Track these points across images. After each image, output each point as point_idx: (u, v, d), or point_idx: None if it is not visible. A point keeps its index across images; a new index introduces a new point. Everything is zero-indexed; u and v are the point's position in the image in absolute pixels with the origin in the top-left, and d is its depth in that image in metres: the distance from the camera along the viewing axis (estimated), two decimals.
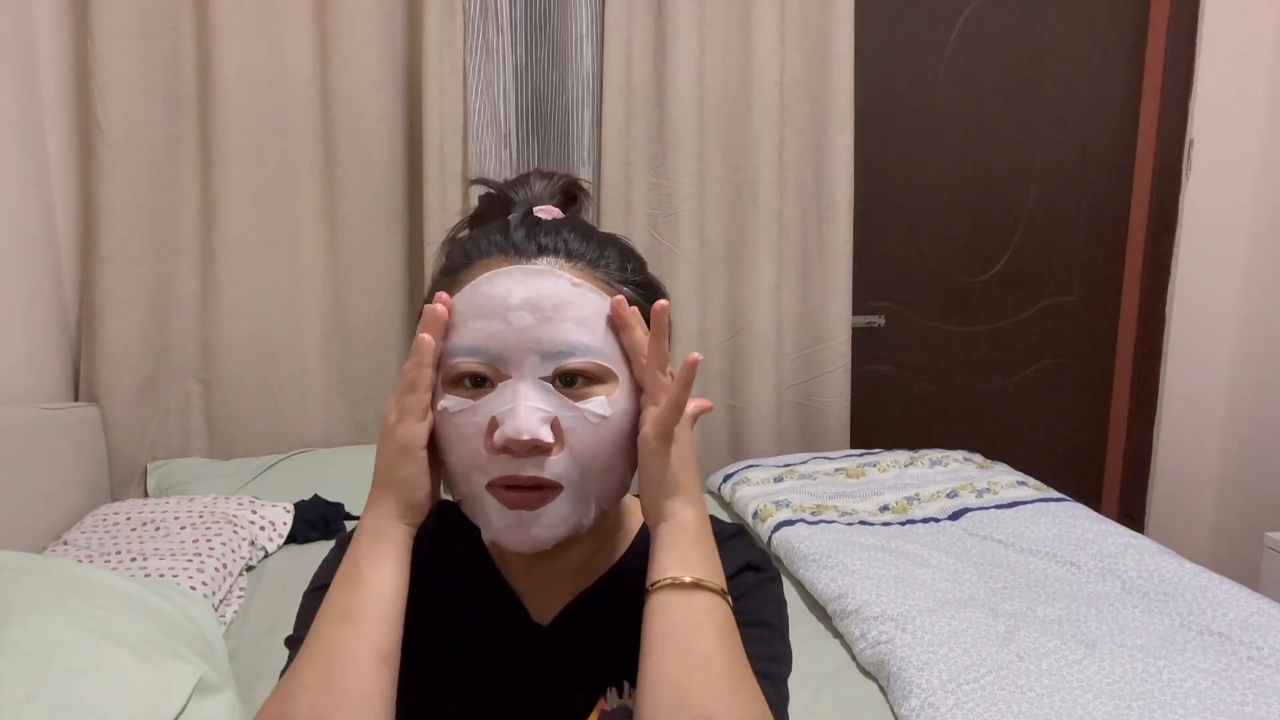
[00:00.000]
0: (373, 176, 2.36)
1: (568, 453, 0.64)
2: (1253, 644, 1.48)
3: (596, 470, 0.65)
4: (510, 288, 0.64)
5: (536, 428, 0.62)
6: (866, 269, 2.74)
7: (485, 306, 0.64)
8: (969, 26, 2.78)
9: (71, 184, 2.22)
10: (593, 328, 0.65)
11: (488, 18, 2.31)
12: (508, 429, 0.62)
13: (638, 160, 2.47)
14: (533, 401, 0.63)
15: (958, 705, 1.33)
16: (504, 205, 0.74)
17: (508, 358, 0.63)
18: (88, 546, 1.79)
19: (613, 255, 0.70)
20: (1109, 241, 2.99)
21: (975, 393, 2.98)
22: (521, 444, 0.62)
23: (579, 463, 0.64)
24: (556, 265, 0.66)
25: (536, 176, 0.75)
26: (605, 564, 0.77)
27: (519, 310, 0.63)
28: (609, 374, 0.65)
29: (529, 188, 0.74)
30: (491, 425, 0.63)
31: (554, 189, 0.75)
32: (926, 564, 1.81)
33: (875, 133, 2.72)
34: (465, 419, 0.64)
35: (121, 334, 2.21)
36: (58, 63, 2.18)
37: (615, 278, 0.69)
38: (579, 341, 0.64)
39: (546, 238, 0.67)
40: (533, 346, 0.63)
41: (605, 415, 0.64)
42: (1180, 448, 2.95)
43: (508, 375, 0.64)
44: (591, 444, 0.64)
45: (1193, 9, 2.76)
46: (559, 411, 0.63)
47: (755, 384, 2.60)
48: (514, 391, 0.63)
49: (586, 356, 0.64)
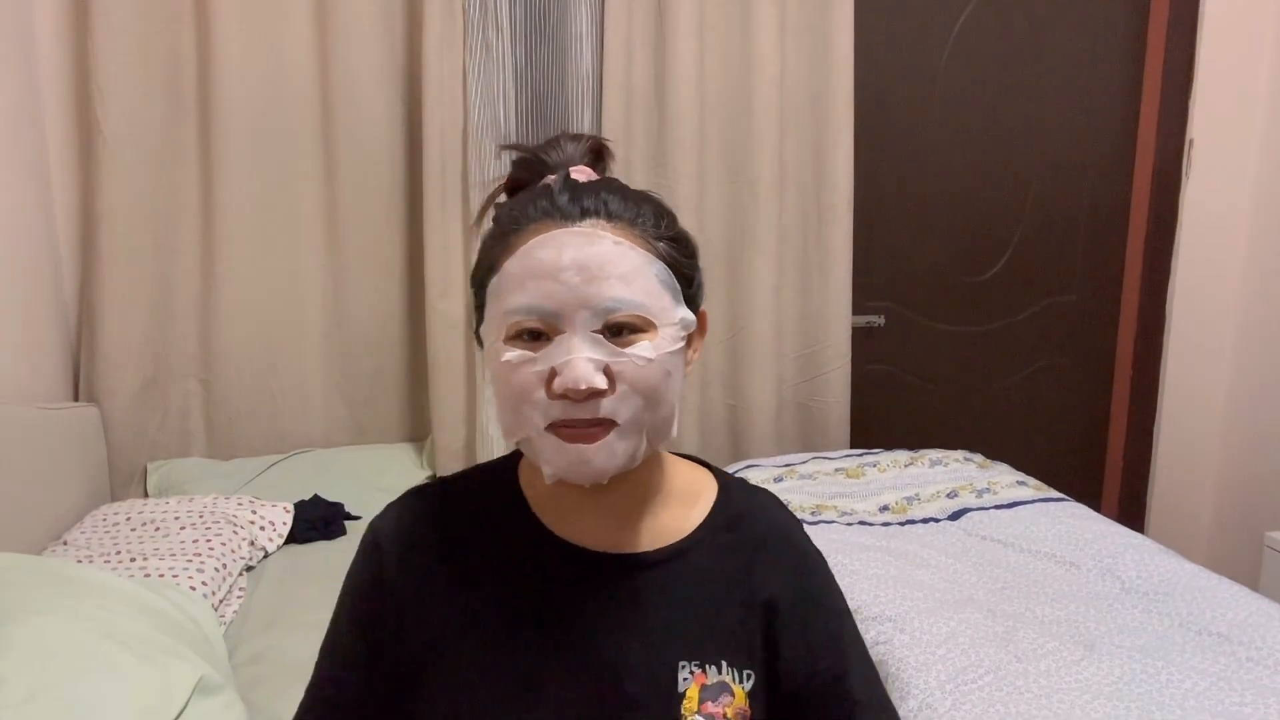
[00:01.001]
0: (373, 177, 2.37)
1: (620, 393, 0.71)
2: (1252, 644, 1.48)
3: (646, 406, 0.73)
4: (560, 250, 0.71)
5: (592, 376, 0.69)
6: (866, 269, 2.74)
7: (538, 268, 0.71)
8: (969, 26, 2.78)
9: (71, 184, 2.22)
10: (633, 282, 0.72)
11: (488, 18, 2.31)
12: (566, 379, 0.69)
13: (638, 160, 2.47)
14: (586, 353, 0.70)
15: (956, 706, 1.33)
16: (539, 169, 0.80)
17: (562, 314, 0.71)
18: (88, 546, 1.79)
19: (648, 213, 0.76)
20: (1109, 241, 2.98)
21: (975, 393, 2.98)
22: (579, 391, 0.69)
23: (630, 401, 0.72)
24: (599, 226, 0.73)
25: (566, 139, 0.82)
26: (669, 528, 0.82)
27: (568, 270, 0.70)
28: (650, 323, 0.73)
29: (560, 150, 0.81)
30: (550, 374, 0.70)
31: (583, 150, 0.81)
32: (926, 564, 1.81)
33: (875, 133, 2.72)
34: (527, 369, 0.71)
35: (121, 334, 2.21)
36: (58, 63, 2.18)
37: (652, 234, 0.75)
38: (622, 296, 0.71)
39: (588, 200, 0.74)
40: (582, 303, 0.70)
41: (650, 358, 0.72)
42: (1180, 448, 2.95)
43: (562, 330, 0.71)
44: (640, 383, 0.72)
45: (1193, 9, 2.75)
46: (609, 359, 0.71)
47: (755, 384, 2.60)
48: (569, 345, 0.70)
49: (630, 309, 0.71)
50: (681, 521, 0.82)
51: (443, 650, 0.77)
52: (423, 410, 2.50)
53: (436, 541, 0.80)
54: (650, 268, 0.73)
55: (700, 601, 0.80)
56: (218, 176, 2.24)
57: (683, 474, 0.86)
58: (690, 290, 0.78)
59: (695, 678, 0.77)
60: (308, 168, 2.32)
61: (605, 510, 0.80)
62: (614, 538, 0.80)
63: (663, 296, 0.74)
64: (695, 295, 0.79)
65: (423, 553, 0.80)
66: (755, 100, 2.49)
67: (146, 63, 2.17)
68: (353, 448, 2.43)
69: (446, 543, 0.80)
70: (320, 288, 2.37)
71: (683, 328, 0.76)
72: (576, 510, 0.80)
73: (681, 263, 0.77)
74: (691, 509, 0.83)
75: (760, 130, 2.50)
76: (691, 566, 0.80)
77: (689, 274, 0.78)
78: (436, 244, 2.34)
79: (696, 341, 0.81)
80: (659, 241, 0.75)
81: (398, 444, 2.50)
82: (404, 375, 2.51)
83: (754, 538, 0.84)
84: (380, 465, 2.39)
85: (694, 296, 0.79)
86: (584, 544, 0.80)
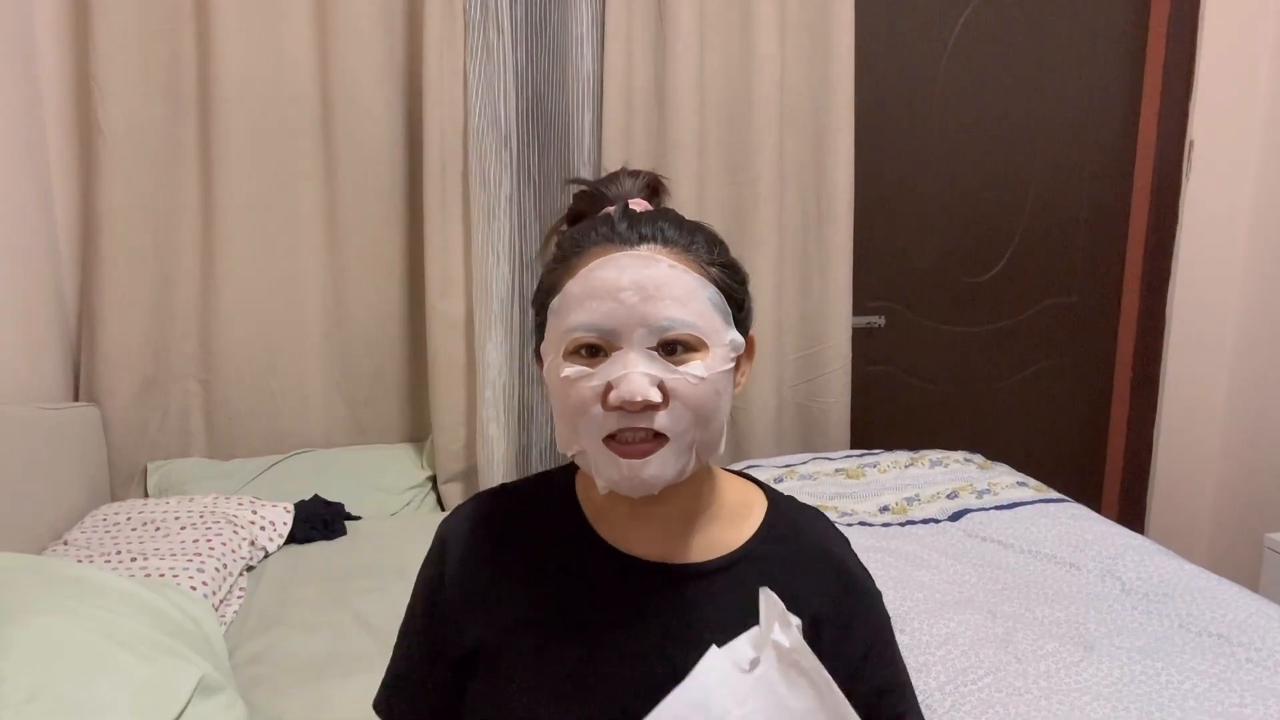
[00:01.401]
0: (373, 177, 2.36)
1: (673, 408, 0.74)
2: (1252, 645, 1.48)
3: (697, 423, 0.76)
4: (619, 272, 0.75)
5: (647, 390, 0.73)
6: (866, 269, 2.74)
7: (599, 288, 0.75)
8: (969, 27, 2.78)
9: (71, 184, 2.22)
10: (688, 303, 0.75)
11: (488, 18, 2.31)
12: (623, 391, 0.72)
13: (638, 161, 2.46)
14: (642, 368, 0.73)
15: (955, 706, 1.33)
16: (599, 201, 0.85)
17: (620, 331, 0.74)
18: (88, 546, 1.79)
19: (701, 241, 0.80)
20: (1109, 241, 2.98)
21: (975, 393, 2.98)
22: (635, 404, 0.73)
23: (682, 417, 0.75)
24: (656, 251, 0.77)
25: (625, 175, 0.86)
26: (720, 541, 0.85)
27: (627, 291, 0.74)
28: (702, 343, 0.76)
29: (619, 184, 0.86)
30: (607, 388, 0.74)
31: (641, 185, 0.86)
32: (926, 565, 1.81)
33: (875, 133, 2.71)
34: (585, 384, 0.75)
35: (121, 334, 2.21)
36: (58, 63, 2.18)
37: (705, 259, 0.79)
38: (677, 316, 0.74)
39: (646, 227, 0.78)
40: (640, 321, 0.74)
41: (703, 376, 0.75)
42: (1180, 448, 2.95)
43: (619, 346, 0.74)
44: (691, 400, 0.75)
45: (1193, 9, 2.75)
46: (664, 375, 0.74)
47: (755, 384, 2.60)
48: (626, 360, 0.74)
49: (684, 329, 0.75)
50: (732, 535, 0.85)
51: (496, 647, 0.80)
52: (423, 410, 2.50)
53: (497, 544, 0.84)
54: (703, 291, 0.77)
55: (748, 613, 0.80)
56: (218, 176, 2.23)
57: (734, 489, 0.89)
58: (740, 314, 0.81)
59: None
60: (308, 167, 2.32)
61: (658, 521, 0.83)
62: (666, 548, 0.83)
63: (715, 318, 0.77)
64: (745, 319, 0.82)
65: (483, 554, 0.84)
66: (755, 100, 2.49)
67: (146, 62, 2.17)
68: (353, 448, 2.43)
69: (506, 546, 0.84)
70: (320, 288, 2.37)
71: (733, 349, 0.79)
72: (630, 521, 0.83)
73: (733, 288, 0.80)
74: (743, 524, 0.86)
75: (760, 130, 2.50)
76: (740, 579, 0.82)
77: (739, 299, 0.81)
78: (436, 244, 2.34)
79: (745, 364, 0.84)
80: (711, 266, 0.79)
81: (398, 444, 2.50)
82: (404, 375, 2.51)
83: (802, 553, 0.86)
84: (380, 465, 2.39)
85: (744, 320, 0.82)
86: (636, 553, 0.83)
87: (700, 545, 0.83)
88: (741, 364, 0.83)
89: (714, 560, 0.83)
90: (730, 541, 0.84)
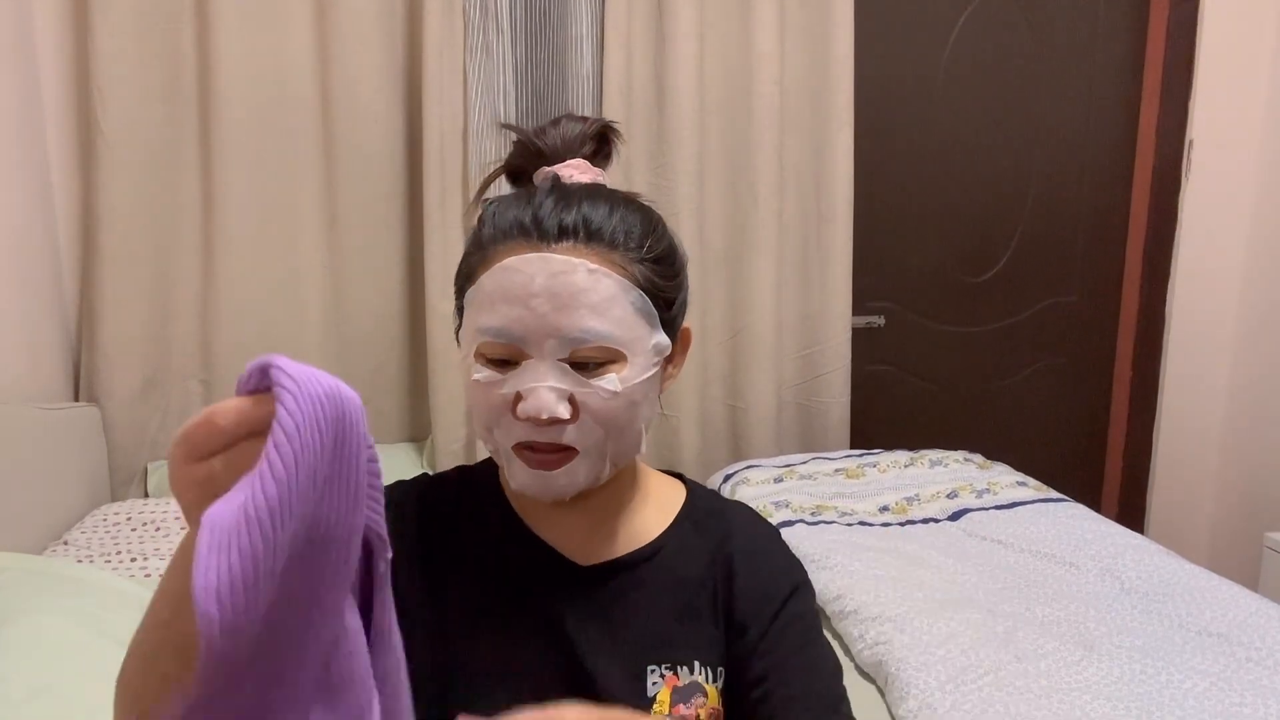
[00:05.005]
0: (373, 177, 2.36)
1: (583, 423, 0.72)
2: (1252, 645, 1.48)
3: (609, 436, 0.73)
4: (532, 275, 0.70)
5: (554, 406, 0.70)
6: (866, 269, 2.74)
7: (510, 292, 0.71)
8: (969, 27, 2.78)
9: (71, 184, 2.21)
10: (606, 312, 0.71)
11: (488, 18, 2.31)
12: (529, 406, 0.70)
13: (638, 160, 2.47)
14: (551, 381, 0.70)
15: (955, 706, 1.33)
16: (535, 155, 0.79)
17: (529, 340, 0.71)
18: (88, 546, 1.79)
19: (633, 232, 0.74)
20: (1109, 241, 2.98)
21: (975, 393, 2.98)
22: (541, 421, 0.70)
23: (592, 431, 0.72)
24: (575, 250, 0.71)
25: (568, 121, 0.79)
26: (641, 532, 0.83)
27: (539, 298, 0.70)
28: (619, 354, 0.72)
29: (560, 133, 0.79)
30: (516, 398, 0.71)
31: (584, 135, 0.79)
32: (925, 565, 1.81)
33: (875, 133, 2.71)
34: (494, 390, 0.72)
35: (121, 334, 2.21)
36: (58, 63, 2.17)
37: (633, 256, 0.73)
38: (592, 328, 0.70)
39: (569, 215, 0.72)
40: (550, 332, 0.70)
41: (616, 391, 0.72)
42: (1180, 448, 2.95)
43: (529, 355, 0.71)
44: (604, 415, 0.72)
45: (1193, 9, 2.75)
46: (574, 389, 0.71)
47: (755, 384, 2.60)
48: (536, 372, 0.70)
49: (599, 341, 0.71)
50: (652, 524, 0.84)
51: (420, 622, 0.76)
52: (423, 410, 2.50)
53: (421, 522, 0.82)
54: (626, 296, 0.72)
55: (672, 601, 0.81)
56: (217, 176, 2.23)
57: (656, 483, 0.88)
58: (670, 314, 0.77)
59: (666, 680, 0.78)
60: (308, 167, 2.31)
61: (580, 514, 0.81)
62: (588, 540, 0.82)
63: (636, 325, 0.73)
64: (676, 318, 0.79)
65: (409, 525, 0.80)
66: (755, 100, 2.49)
67: (146, 63, 2.17)
68: None
69: (432, 524, 0.82)
70: (320, 287, 2.37)
71: (656, 354, 0.75)
72: (553, 514, 0.82)
73: (661, 286, 0.75)
74: (661, 513, 0.85)
75: (760, 130, 2.50)
76: (663, 567, 0.82)
77: (670, 297, 0.77)
78: (436, 244, 2.34)
79: (678, 358, 0.81)
80: (640, 264, 0.74)
81: (398, 444, 2.50)
82: (404, 375, 2.50)
83: (721, 537, 0.84)
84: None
85: (674, 319, 0.78)
86: (560, 547, 0.82)
87: (623, 537, 0.83)
88: (675, 357, 0.80)
89: (635, 552, 0.82)
90: (651, 531, 0.84)
